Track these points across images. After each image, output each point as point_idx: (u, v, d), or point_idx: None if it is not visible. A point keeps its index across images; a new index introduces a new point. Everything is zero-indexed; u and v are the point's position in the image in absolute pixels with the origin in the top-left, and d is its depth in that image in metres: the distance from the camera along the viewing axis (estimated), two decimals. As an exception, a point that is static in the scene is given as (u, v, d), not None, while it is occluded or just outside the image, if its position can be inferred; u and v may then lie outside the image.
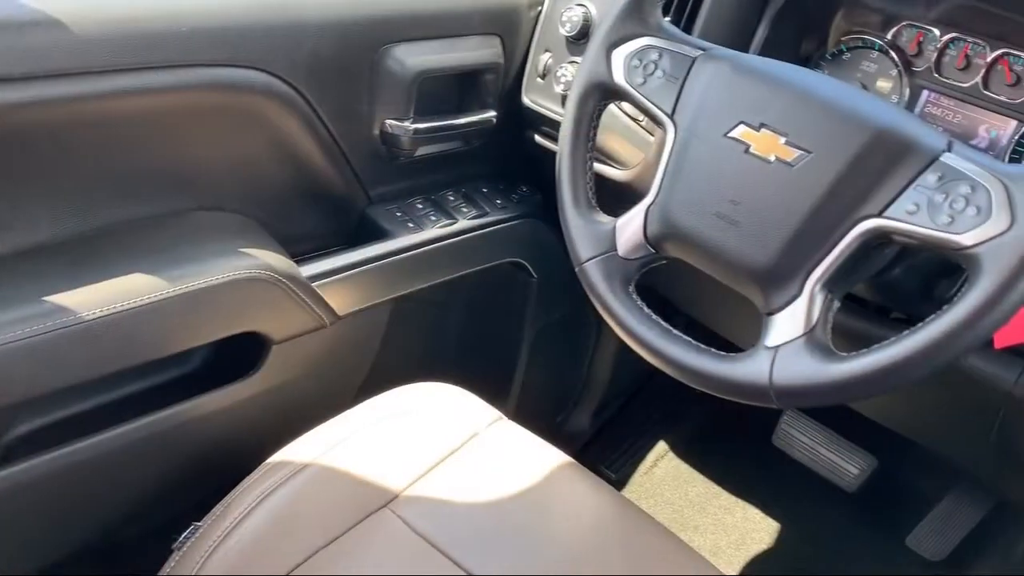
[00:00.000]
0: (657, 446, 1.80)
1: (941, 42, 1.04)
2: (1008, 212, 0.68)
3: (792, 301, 0.78)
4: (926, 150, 0.74)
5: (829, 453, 1.65)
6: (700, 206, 0.84)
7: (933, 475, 1.62)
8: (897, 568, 1.57)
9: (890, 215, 0.74)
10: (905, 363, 0.70)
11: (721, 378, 0.80)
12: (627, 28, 0.92)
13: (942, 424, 1.25)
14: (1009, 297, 0.67)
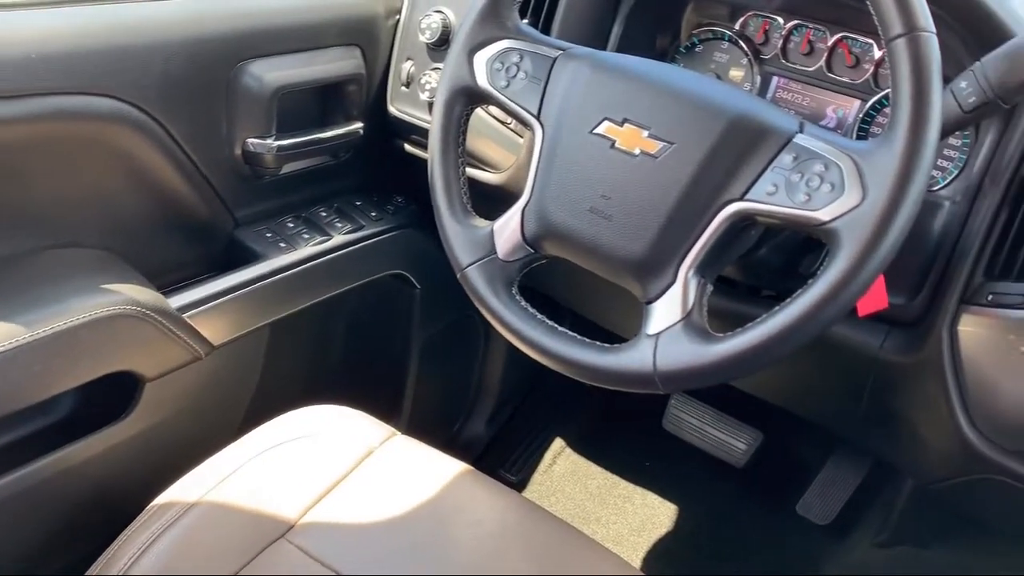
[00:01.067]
0: (554, 444, 1.82)
1: (785, 29, 1.09)
2: (859, 186, 0.71)
3: (668, 288, 0.80)
4: (780, 133, 0.77)
5: (717, 432, 1.71)
6: (573, 203, 0.85)
7: (815, 443, 1.70)
8: (789, 534, 1.64)
9: (751, 197, 0.76)
10: (777, 339, 0.73)
11: (607, 369, 0.81)
12: (486, 32, 0.92)
13: (818, 394, 1.31)
14: (867, 267, 0.70)
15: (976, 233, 0.90)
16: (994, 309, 0.89)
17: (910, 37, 0.70)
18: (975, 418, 0.95)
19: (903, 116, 0.70)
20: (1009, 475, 0.95)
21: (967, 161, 0.96)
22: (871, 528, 1.59)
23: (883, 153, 0.71)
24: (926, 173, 0.70)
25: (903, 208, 0.70)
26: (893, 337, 1.01)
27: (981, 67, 0.78)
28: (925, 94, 0.70)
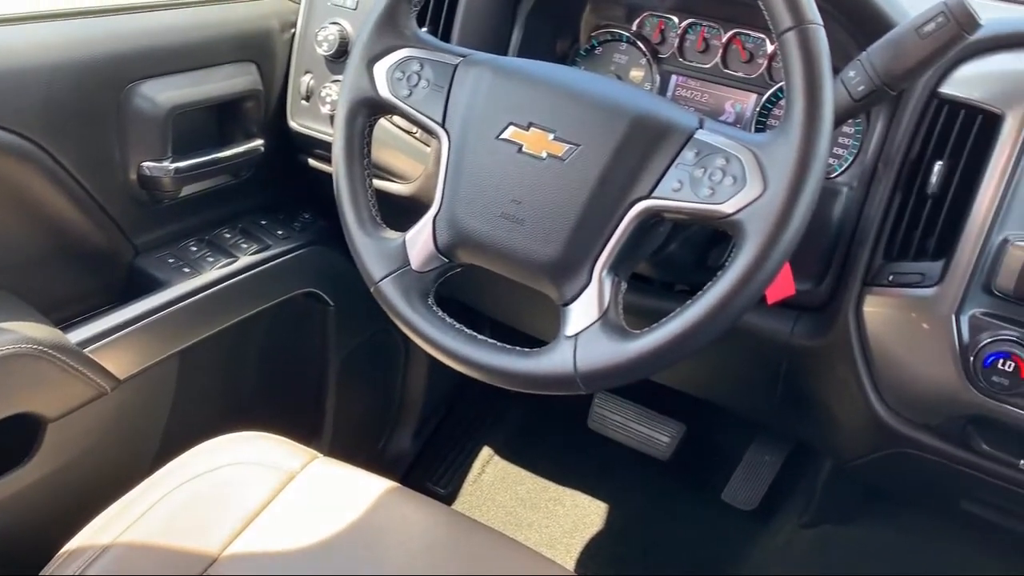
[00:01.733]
0: (482, 452, 1.81)
1: (680, 28, 1.11)
2: (760, 178, 0.73)
3: (584, 289, 0.80)
4: (681, 130, 0.78)
5: (641, 427, 1.73)
6: (485, 209, 0.84)
7: (736, 431, 1.73)
8: (717, 522, 1.67)
9: (658, 195, 0.78)
10: (691, 332, 0.74)
11: (529, 374, 0.81)
12: (384, 41, 0.91)
13: (735, 383, 1.34)
14: (772, 256, 0.72)
15: (874, 216, 0.94)
16: (895, 289, 0.92)
17: (799, 30, 0.72)
18: (885, 395, 0.98)
19: (797, 107, 0.72)
20: (919, 448, 0.99)
21: (861, 148, 1.00)
22: (795, 510, 1.63)
23: (781, 144, 0.73)
24: (823, 161, 0.73)
25: (803, 196, 0.72)
26: (802, 322, 1.03)
27: (867, 56, 0.81)
28: (817, 84, 0.72)
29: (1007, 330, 0.86)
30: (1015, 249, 0.84)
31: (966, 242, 0.87)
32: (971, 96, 0.88)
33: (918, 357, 0.92)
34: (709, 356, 0.89)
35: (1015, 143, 0.85)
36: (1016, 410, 0.87)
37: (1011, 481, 0.94)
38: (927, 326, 0.90)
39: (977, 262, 0.86)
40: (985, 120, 0.87)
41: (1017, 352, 0.84)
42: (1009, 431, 0.90)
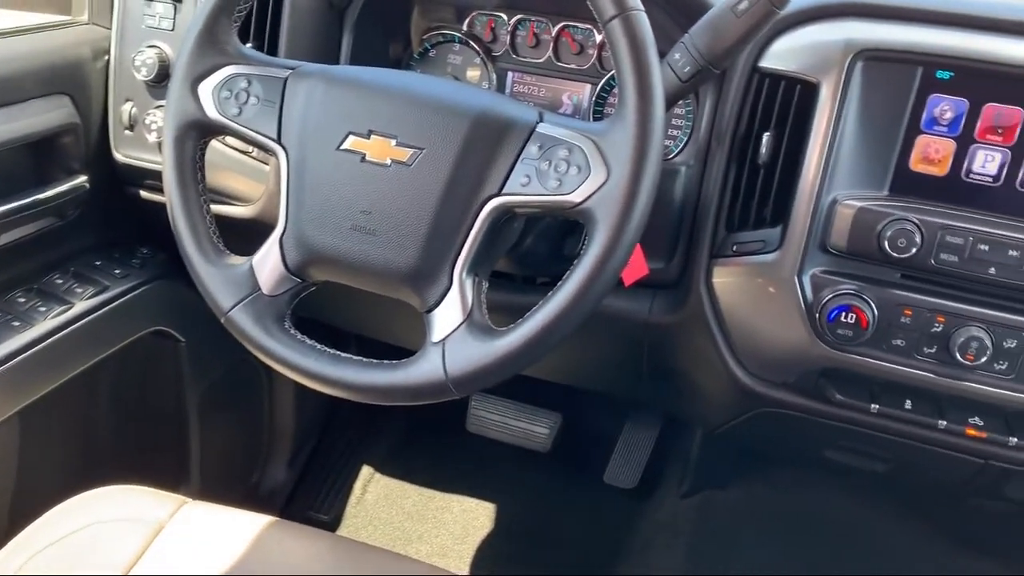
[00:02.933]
0: (362, 472, 1.77)
1: (510, 25, 1.12)
2: (603, 165, 0.75)
3: (446, 293, 0.79)
4: (522, 125, 0.79)
5: (519, 423, 1.74)
6: (333, 223, 0.82)
7: (609, 414, 1.77)
8: (601, 505, 1.70)
9: (508, 191, 0.78)
10: (555, 322, 0.75)
11: (399, 386, 0.79)
12: (207, 60, 0.86)
13: (603, 366, 1.36)
14: (623, 239, 0.74)
15: (713, 191, 0.98)
16: (740, 258, 0.97)
17: (623, 17, 0.74)
18: (742, 359, 1.02)
19: (630, 93, 0.74)
20: (780, 405, 1.04)
21: (693, 127, 1.03)
22: (674, 482, 1.69)
23: (618, 130, 0.75)
24: (659, 143, 0.75)
25: (645, 179, 0.74)
26: (659, 300, 1.06)
27: (690, 38, 0.84)
28: (645, 70, 0.74)
29: (845, 284, 0.91)
30: (843, 208, 0.90)
31: (799, 206, 0.92)
32: (788, 68, 0.93)
33: (768, 320, 0.97)
34: (576, 344, 0.91)
35: (832, 108, 0.90)
36: (862, 359, 0.93)
37: (866, 425, 1.00)
38: (773, 289, 0.95)
39: (811, 224, 0.91)
40: (804, 89, 0.92)
41: (857, 304, 0.90)
42: (859, 379, 0.96)
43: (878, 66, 0.89)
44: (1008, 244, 0.86)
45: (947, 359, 0.90)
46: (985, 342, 0.88)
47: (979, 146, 0.88)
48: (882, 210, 0.89)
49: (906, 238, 0.87)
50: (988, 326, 0.88)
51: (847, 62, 0.89)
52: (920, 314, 0.90)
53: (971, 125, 0.88)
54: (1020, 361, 0.88)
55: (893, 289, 0.91)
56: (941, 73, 0.88)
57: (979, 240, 0.87)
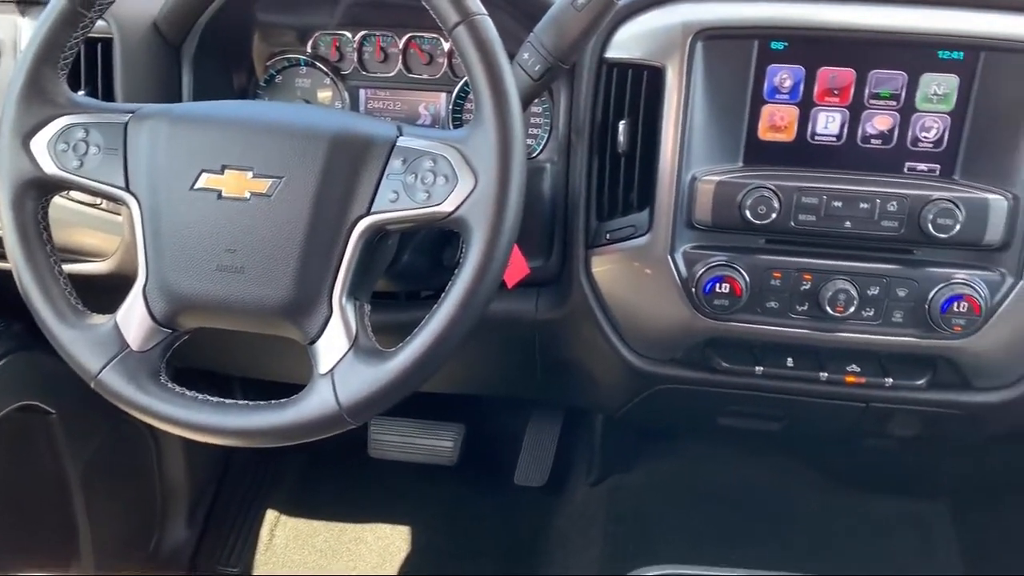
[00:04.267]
0: (267, 516, 1.71)
1: (356, 42, 1.10)
2: (470, 171, 0.74)
3: (327, 322, 0.77)
4: (381, 141, 0.77)
5: (421, 440, 1.72)
6: (197, 267, 0.78)
7: (512, 415, 1.77)
8: (516, 507, 1.71)
9: (377, 209, 0.76)
10: (444, 335, 0.74)
11: (291, 426, 0.77)
12: (36, 113, 0.81)
13: (498, 370, 1.36)
14: (500, 242, 0.74)
15: (579, 184, 0.99)
16: (614, 245, 0.99)
17: (468, 23, 0.74)
18: (630, 343, 1.04)
19: (484, 97, 0.74)
20: (671, 382, 1.07)
21: (552, 123, 1.05)
22: (582, 472, 1.70)
23: (479, 135, 0.75)
24: (522, 143, 0.75)
25: (513, 180, 0.74)
26: (544, 297, 1.07)
27: (536, 37, 0.84)
28: (496, 72, 0.74)
29: (716, 256, 0.94)
30: (703, 184, 0.93)
31: (661, 188, 0.94)
32: (633, 56, 0.95)
33: (649, 300, 0.99)
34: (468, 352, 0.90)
35: (680, 90, 0.93)
36: (741, 325, 0.97)
37: (754, 388, 1.04)
38: (649, 271, 0.97)
39: (675, 204, 0.94)
40: (651, 75, 0.95)
41: (729, 274, 0.93)
42: (741, 345, 1.00)
43: (717, 44, 0.93)
44: (858, 197, 0.91)
45: (819, 314, 0.94)
46: (851, 293, 0.92)
47: (819, 109, 0.93)
48: (739, 181, 0.92)
49: (765, 205, 0.91)
50: (852, 277, 0.93)
51: (687, 44, 0.92)
52: (788, 275, 0.94)
53: (809, 90, 0.93)
54: (885, 306, 0.94)
55: (760, 255, 0.95)
56: (776, 44, 0.92)
57: (832, 198, 0.91)
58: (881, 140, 0.93)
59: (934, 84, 0.91)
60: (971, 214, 0.89)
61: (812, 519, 1.61)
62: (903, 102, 0.92)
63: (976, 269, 0.92)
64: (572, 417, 1.73)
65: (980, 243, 0.90)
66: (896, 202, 0.90)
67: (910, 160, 0.94)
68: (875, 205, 0.91)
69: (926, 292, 0.92)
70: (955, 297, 0.91)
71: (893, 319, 0.94)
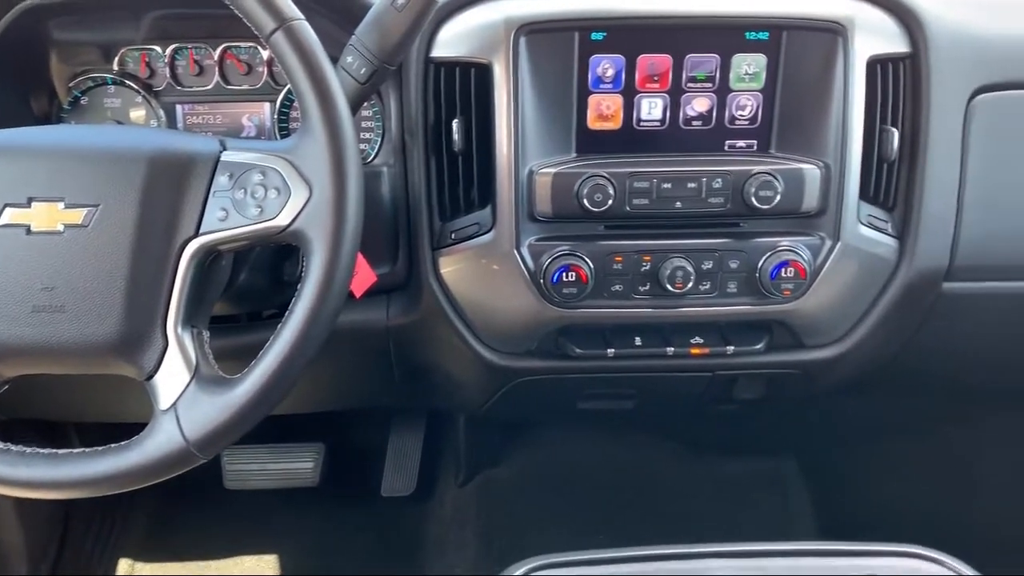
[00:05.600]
0: (120, 565, 1.60)
1: (167, 56, 1.04)
2: (303, 181, 0.72)
3: (164, 355, 0.73)
4: (204, 157, 0.74)
5: (280, 464, 1.66)
6: (10, 310, 0.72)
7: (372, 427, 1.74)
8: (386, 521, 1.68)
9: (206, 230, 0.73)
10: (293, 354, 0.72)
11: (136, 468, 0.72)
12: None
13: (355, 382, 1.33)
14: (342, 252, 0.72)
15: (419, 185, 0.98)
16: (461, 244, 0.98)
17: (285, 29, 0.72)
18: (486, 340, 1.05)
19: (310, 104, 0.72)
20: (530, 373, 1.08)
21: (384, 126, 1.03)
22: (450, 474, 1.70)
23: (309, 144, 0.72)
24: (355, 149, 0.73)
25: (350, 187, 0.72)
26: (395, 303, 1.06)
27: (358, 39, 0.83)
28: (320, 77, 0.72)
29: (560, 246, 0.96)
30: (540, 177, 0.94)
31: (500, 184, 0.95)
32: (459, 54, 0.95)
33: (500, 296, 1.00)
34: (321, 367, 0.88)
35: (508, 86, 0.94)
36: (590, 310, 0.99)
37: (607, 370, 1.07)
38: (497, 267, 0.97)
39: (516, 198, 0.95)
40: (479, 71, 0.95)
41: (574, 262, 0.95)
42: (592, 330, 1.02)
43: (540, 38, 0.94)
44: (686, 178, 0.95)
45: (660, 292, 0.98)
46: (688, 269, 0.96)
47: (642, 95, 0.96)
48: (574, 171, 0.94)
49: (601, 192, 0.93)
50: (687, 254, 0.97)
51: (511, 39, 0.93)
52: (629, 258, 0.97)
53: (631, 78, 0.96)
54: (720, 279, 0.98)
55: (601, 241, 0.97)
56: (595, 35, 0.94)
57: (662, 180, 0.95)
58: (701, 121, 0.98)
59: (744, 64, 0.96)
60: (789, 184, 0.95)
61: (675, 489, 1.68)
62: (718, 83, 0.96)
63: (798, 236, 0.98)
64: (434, 420, 1.72)
65: (799, 211, 0.96)
66: (720, 179, 0.95)
67: (730, 138, 0.98)
68: (702, 184, 0.95)
69: (755, 261, 0.97)
70: (782, 263, 0.96)
71: (728, 290, 0.99)
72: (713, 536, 0.79)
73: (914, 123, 0.99)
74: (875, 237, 1.00)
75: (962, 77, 0.99)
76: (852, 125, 0.95)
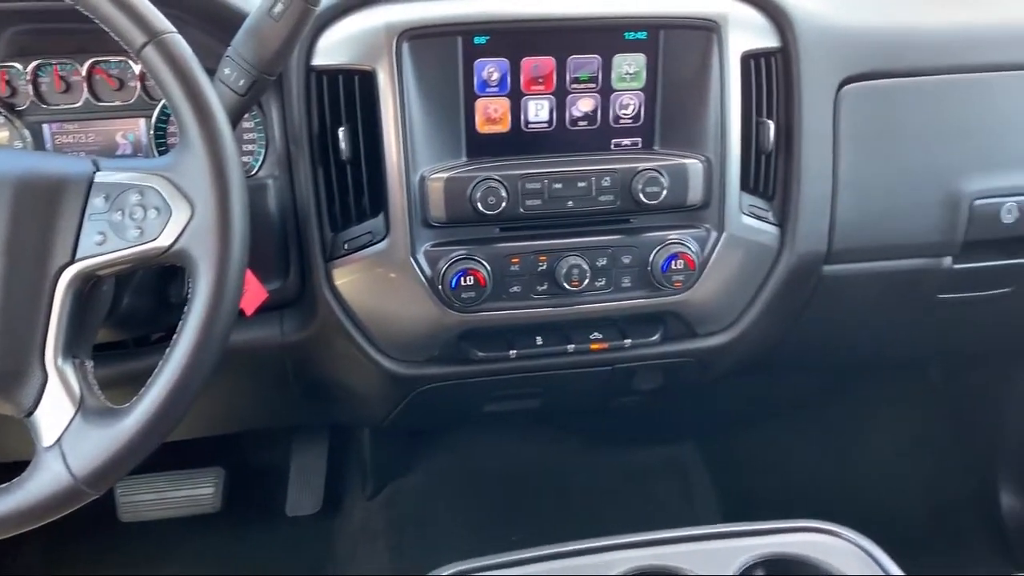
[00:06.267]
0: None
1: (29, 73, 0.98)
2: (184, 199, 0.70)
3: (44, 389, 0.69)
4: (76, 179, 0.71)
5: (178, 492, 1.60)
6: None
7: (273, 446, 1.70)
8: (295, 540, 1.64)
9: (82, 255, 0.70)
10: (184, 379, 0.69)
11: (19, 511, 0.68)
12: None
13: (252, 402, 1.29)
14: (230, 270, 0.69)
15: (307, 197, 0.96)
16: (355, 254, 0.97)
17: (156, 43, 0.69)
18: (386, 350, 1.03)
19: (188, 119, 0.70)
20: (433, 380, 1.07)
21: (267, 138, 1.00)
22: (357, 488, 1.67)
23: (188, 160, 0.70)
24: (237, 163, 0.71)
25: (234, 203, 0.70)
26: (289, 318, 1.03)
27: (235, 50, 0.80)
28: (196, 91, 0.70)
29: (456, 251, 0.96)
30: (432, 183, 0.94)
31: (392, 192, 0.94)
32: (341, 61, 0.94)
33: (399, 304, 0.99)
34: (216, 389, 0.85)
35: (394, 92, 0.93)
36: (490, 313, 0.99)
37: (511, 371, 1.08)
38: (394, 275, 0.96)
39: (408, 205, 0.94)
40: (363, 78, 0.94)
41: (471, 266, 0.95)
42: (493, 332, 1.02)
43: (423, 43, 0.94)
44: (576, 177, 0.96)
45: (558, 291, 0.99)
46: (583, 267, 0.98)
47: (528, 97, 0.97)
48: (466, 175, 0.94)
49: (494, 195, 0.94)
50: (582, 252, 0.99)
51: (394, 45, 0.92)
52: (526, 259, 0.98)
53: (516, 80, 0.96)
54: (614, 274, 1.00)
55: (497, 243, 0.97)
56: (478, 39, 0.94)
57: (553, 180, 0.96)
58: (587, 121, 0.99)
59: (625, 64, 0.98)
60: (674, 179, 0.97)
61: (583, 483, 1.70)
62: (601, 83, 0.98)
63: (686, 229, 1.01)
64: (338, 434, 1.69)
65: (685, 204, 0.99)
66: (609, 177, 0.97)
67: (615, 137, 1.00)
68: (591, 183, 0.97)
69: (647, 256, 1.00)
70: (672, 256, 0.99)
71: (623, 284, 1.01)
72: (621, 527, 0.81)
73: (788, 115, 1.03)
74: (757, 226, 1.04)
75: (830, 69, 1.04)
76: (730, 119, 0.99)
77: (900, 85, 1.07)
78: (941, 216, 1.10)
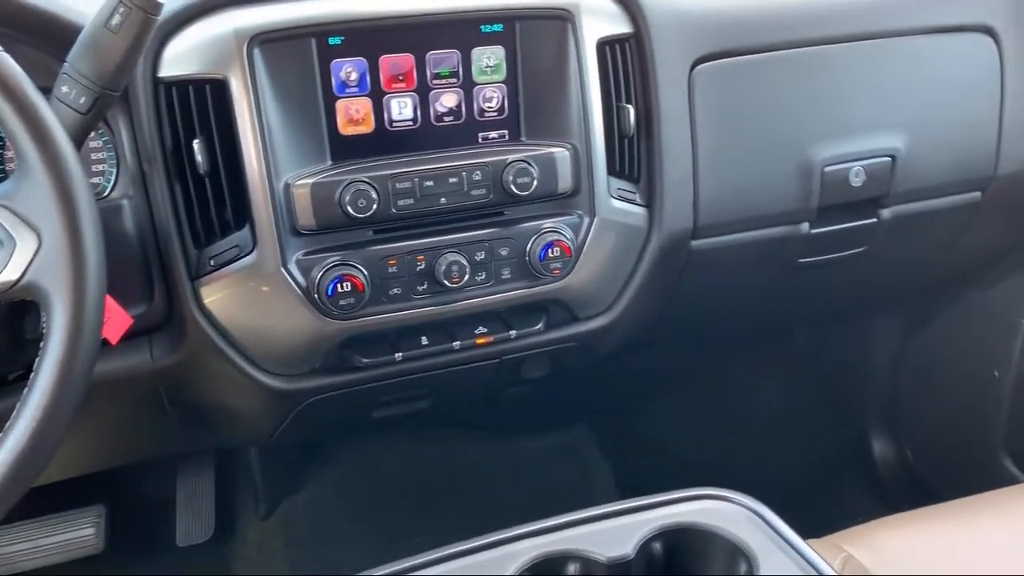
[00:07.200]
0: None
1: None
2: (28, 229, 0.65)
3: None
4: None
5: (54, 537, 1.50)
6: None
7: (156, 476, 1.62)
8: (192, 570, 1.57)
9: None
10: (45, 419, 0.65)
11: None
12: None
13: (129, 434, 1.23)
14: (87, 301, 0.66)
15: (166, 214, 0.92)
16: (222, 270, 0.93)
17: (-20, 64, 0.64)
18: (265, 366, 1.00)
19: (24, 143, 0.66)
20: (318, 392, 1.05)
21: (118, 156, 0.95)
22: (250, 509, 1.62)
23: (29, 187, 0.66)
24: (85, 186, 0.68)
25: (85, 229, 0.66)
26: (158, 343, 0.99)
27: (71, 66, 0.76)
28: (32, 113, 0.66)
29: (330, 257, 0.94)
30: (298, 189, 0.91)
31: (256, 202, 0.91)
32: (189, 71, 0.90)
33: (274, 318, 0.96)
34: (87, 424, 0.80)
35: (249, 100, 0.89)
36: (372, 318, 0.97)
37: (398, 375, 1.06)
38: (266, 288, 0.93)
39: (275, 214, 0.91)
40: (215, 88, 0.90)
41: (347, 272, 0.93)
42: (376, 337, 1.01)
43: (275, 47, 0.91)
44: (446, 174, 0.96)
45: (439, 289, 0.98)
46: (462, 263, 0.97)
47: (390, 96, 0.96)
48: (334, 179, 0.92)
49: (364, 198, 0.92)
50: (459, 248, 0.98)
51: (244, 51, 0.89)
52: (403, 259, 0.97)
53: (376, 79, 0.95)
54: (493, 268, 1.00)
55: (372, 246, 0.96)
56: (333, 39, 0.92)
57: (423, 178, 0.95)
58: (453, 116, 0.99)
59: (484, 57, 0.98)
60: (543, 169, 0.98)
61: (481, 478, 1.71)
62: (462, 78, 0.98)
63: (559, 216, 1.02)
64: (224, 457, 1.63)
65: (556, 192, 1.00)
66: (479, 171, 0.97)
67: (482, 130, 1.00)
68: (462, 178, 0.96)
69: (524, 246, 1.00)
70: (548, 244, 1.00)
71: (503, 277, 1.01)
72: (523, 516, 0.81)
73: (646, 98, 1.06)
74: (626, 208, 1.06)
75: (681, 51, 1.07)
76: (592, 106, 1.00)
77: (749, 62, 1.11)
78: (796, 185, 1.16)
